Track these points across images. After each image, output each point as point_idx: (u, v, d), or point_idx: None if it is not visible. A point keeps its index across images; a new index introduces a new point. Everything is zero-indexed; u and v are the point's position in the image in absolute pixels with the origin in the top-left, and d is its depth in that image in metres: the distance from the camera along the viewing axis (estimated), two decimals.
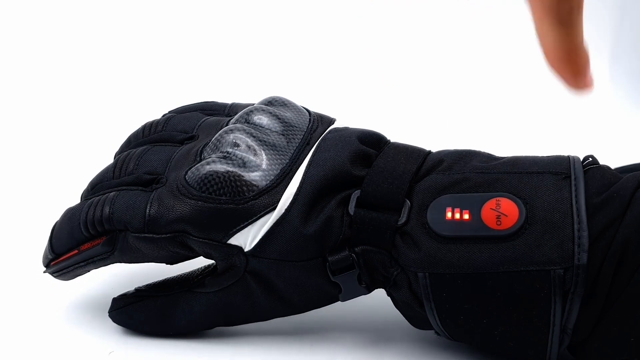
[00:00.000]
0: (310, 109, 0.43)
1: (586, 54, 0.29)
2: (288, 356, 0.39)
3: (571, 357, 0.35)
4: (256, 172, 0.37)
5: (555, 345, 0.34)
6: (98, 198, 0.39)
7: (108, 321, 0.41)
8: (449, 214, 0.35)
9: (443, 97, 0.87)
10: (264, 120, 0.40)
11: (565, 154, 0.37)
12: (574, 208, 0.33)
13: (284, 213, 0.36)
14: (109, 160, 0.44)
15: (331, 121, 0.42)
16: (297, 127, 0.40)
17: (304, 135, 0.40)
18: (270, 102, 0.42)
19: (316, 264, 0.37)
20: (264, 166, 0.38)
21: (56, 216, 0.42)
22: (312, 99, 0.52)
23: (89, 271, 0.41)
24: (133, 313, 0.40)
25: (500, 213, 0.34)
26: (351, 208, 0.36)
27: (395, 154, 0.38)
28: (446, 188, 0.36)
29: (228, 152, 0.38)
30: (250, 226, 0.36)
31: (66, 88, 0.85)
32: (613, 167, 0.38)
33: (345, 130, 0.40)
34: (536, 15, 0.28)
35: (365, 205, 0.36)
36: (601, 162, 0.37)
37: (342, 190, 0.37)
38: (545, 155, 0.38)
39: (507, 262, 0.33)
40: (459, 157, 0.38)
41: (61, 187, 0.57)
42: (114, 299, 0.41)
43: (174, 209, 0.37)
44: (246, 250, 0.37)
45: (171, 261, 0.40)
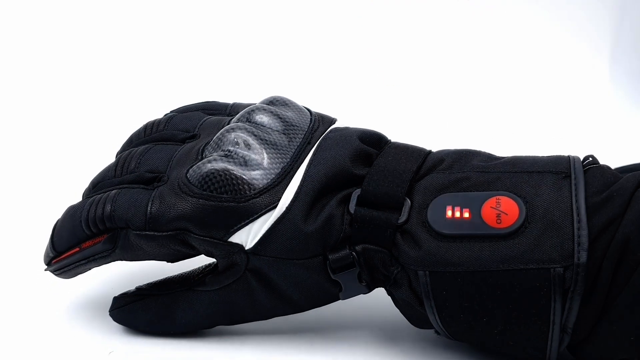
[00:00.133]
0: (311, 109, 0.43)
1: None
2: (288, 356, 0.39)
3: (571, 357, 0.35)
4: (257, 171, 0.37)
5: (555, 343, 0.34)
6: (99, 196, 0.39)
7: (108, 320, 0.41)
8: (449, 213, 0.35)
9: (443, 97, 0.87)
10: (265, 119, 0.40)
11: (565, 154, 0.37)
12: (574, 207, 0.33)
13: (285, 211, 0.36)
14: (111, 159, 0.44)
15: (332, 121, 0.42)
16: (298, 127, 0.40)
17: (305, 134, 0.40)
18: (271, 102, 0.42)
19: (317, 262, 0.37)
20: (265, 165, 0.38)
21: (57, 214, 0.42)
22: (313, 99, 0.52)
23: (90, 269, 0.41)
24: (134, 312, 0.41)
25: (500, 211, 0.34)
26: (352, 206, 0.36)
27: (395, 154, 0.38)
28: (446, 187, 0.36)
29: (229, 151, 0.38)
30: (251, 224, 0.36)
31: (68, 88, 0.85)
32: (613, 167, 0.38)
33: (346, 129, 0.40)
34: None
35: (365, 203, 0.36)
36: (601, 162, 0.37)
37: (343, 189, 0.37)
38: (545, 155, 0.38)
39: (507, 261, 0.33)
40: (459, 157, 0.38)
41: (63, 186, 0.57)
42: (115, 298, 0.41)
43: (175, 207, 0.37)
44: (247, 248, 0.37)
45: (172, 259, 0.40)
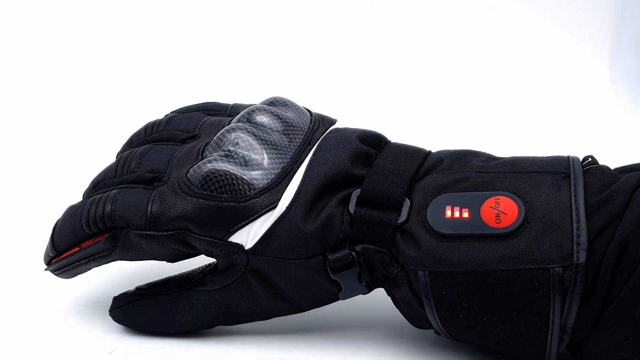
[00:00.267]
0: (311, 110, 0.43)
1: None
2: (288, 356, 0.39)
3: (571, 357, 0.35)
4: (257, 171, 0.37)
5: (554, 343, 0.34)
6: (100, 196, 0.39)
7: (109, 320, 0.41)
8: (449, 213, 0.35)
9: (443, 97, 0.87)
10: (266, 119, 0.40)
11: (564, 154, 0.37)
12: (573, 207, 0.33)
13: (285, 211, 0.36)
14: (111, 159, 0.44)
15: (332, 122, 0.42)
16: (298, 127, 0.40)
17: (305, 134, 0.40)
18: (272, 103, 0.42)
19: (316, 262, 0.37)
20: (265, 165, 0.38)
21: (58, 214, 0.42)
22: (313, 100, 0.52)
23: (90, 269, 0.41)
24: (134, 312, 0.41)
25: (499, 211, 0.34)
26: (351, 207, 0.36)
27: (395, 154, 0.38)
28: (446, 187, 0.36)
29: (230, 151, 0.38)
30: (251, 224, 0.36)
31: (68, 88, 0.85)
32: (613, 167, 0.38)
33: (346, 130, 0.40)
34: None
35: (365, 203, 0.36)
36: (601, 162, 0.37)
37: (343, 189, 0.37)
38: (544, 155, 0.38)
39: (507, 260, 0.33)
40: (459, 157, 0.38)
41: (63, 186, 0.57)
42: (115, 298, 0.41)
43: (176, 207, 0.37)
44: (247, 248, 0.37)
45: (172, 259, 0.40)
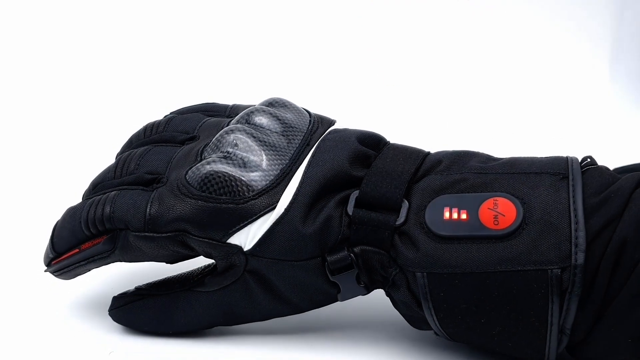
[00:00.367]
0: (310, 111, 0.43)
1: None
2: (288, 356, 0.39)
3: (570, 358, 0.35)
4: (256, 172, 0.37)
5: (553, 344, 0.34)
6: (99, 197, 0.40)
7: (108, 320, 0.42)
8: (447, 214, 0.35)
9: (443, 97, 0.87)
10: (265, 121, 0.40)
11: (563, 155, 0.37)
12: (572, 208, 0.33)
13: (284, 213, 0.36)
14: (111, 160, 0.44)
15: (331, 122, 0.42)
16: (297, 128, 0.40)
17: (304, 136, 0.40)
18: (270, 104, 0.42)
19: (315, 264, 0.37)
20: (264, 166, 0.38)
21: (57, 215, 0.42)
22: (313, 100, 0.52)
23: (90, 270, 0.41)
24: (133, 312, 0.41)
25: (497, 213, 0.34)
26: (350, 208, 0.36)
27: (394, 155, 0.38)
28: (444, 188, 0.36)
29: (228, 152, 0.38)
30: (249, 226, 0.36)
31: (68, 89, 0.85)
32: (612, 167, 0.38)
33: (344, 131, 0.41)
34: None
35: (364, 205, 0.36)
36: (601, 163, 0.37)
37: (341, 190, 0.37)
38: (544, 155, 0.38)
39: (505, 262, 0.33)
40: (457, 158, 0.38)
41: (62, 187, 0.57)
42: (114, 298, 0.41)
43: (174, 208, 0.37)
44: (246, 249, 0.37)
45: (171, 260, 0.40)
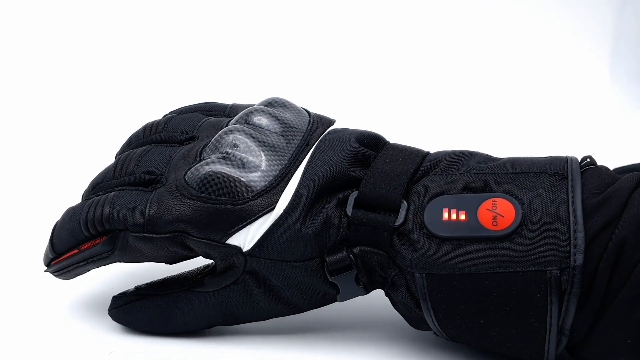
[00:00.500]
0: (310, 110, 0.43)
1: None
2: (288, 356, 0.39)
3: (569, 358, 0.35)
4: (255, 173, 0.37)
5: (552, 345, 0.34)
6: (98, 198, 0.40)
7: (108, 320, 0.42)
8: (446, 215, 0.35)
9: (443, 97, 0.87)
10: (264, 121, 0.40)
11: (563, 155, 0.37)
12: (571, 209, 0.33)
13: (283, 214, 0.36)
14: (110, 160, 0.44)
15: (330, 122, 0.42)
16: (297, 128, 0.40)
17: (303, 136, 0.40)
18: (270, 103, 0.42)
19: (314, 265, 0.37)
20: (263, 167, 0.38)
21: (57, 216, 0.42)
22: (312, 100, 0.52)
23: (89, 270, 0.41)
24: (132, 311, 0.41)
25: (496, 214, 0.34)
26: (349, 209, 0.36)
27: (393, 155, 0.38)
28: (443, 189, 0.36)
29: (227, 153, 0.38)
30: (248, 226, 0.36)
31: (67, 89, 0.85)
32: (612, 167, 0.38)
33: (344, 131, 0.40)
34: None
35: (363, 206, 0.36)
36: (601, 163, 0.37)
37: (341, 191, 0.37)
38: (543, 155, 0.38)
39: (504, 263, 0.33)
40: (457, 158, 0.38)
41: (62, 187, 0.57)
42: (114, 297, 0.41)
43: (174, 209, 0.37)
44: (245, 250, 0.37)
45: (171, 261, 0.40)
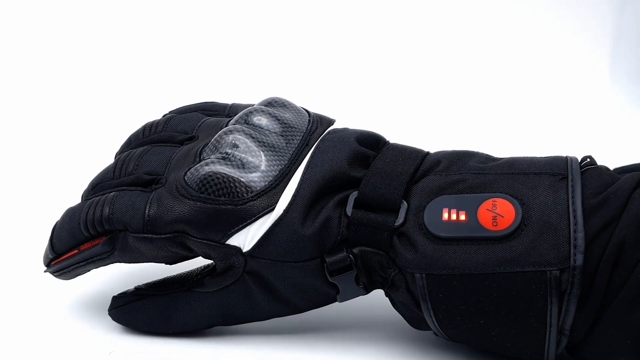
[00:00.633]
0: (309, 110, 0.43)
1: None
2: (288, 356, 0.39)
3: (569, 359, 0.35)
4: (255, 173, 0.37)
5: (552, 346, 0.34)
6: (98, 198, 0.40)
7: (108, 320, 0.42)
8: (446, 215, 0.35)
9: (442, 97, 0.87)
10: (264, 121, 0.40)
11: (563, 155, 0.37)
12: (571, 209, 0.33)
13: (283, 214, 0.36)
14: (110, 160, 0.44)
15: (330, 122, 0.42)
16: (296, 128, 0.40)
17: (303, 136, 0.40)
18: (269, 103, 0.42)
19: (314, 265, 0.37)
20: (263, 167, 0.38)
21: (57, 216, 0.42)
22: (312, 99, 0.52)
23: (89, 270, 0.41)
24: (132, 311, 0.41)
25: (496, 214, 0.34)
26: (349, 209, 0.36)
27: (393, 155, 0.38)
28: (443, 189, 0.36)
29: (227, 153, 0.38)
30: (248, 227, 0.36)
31: (67, 88, 0.85)
32: (612, 167, 0.38)
33: (344, 131, 0.40)
34: None
35: (362, 206, 0.36)
36: (601, 162, 0.37)
37: (340, 191, 0.37)
38: (543, 155, 0.38)
39: (504, 263, 0.33)
40: (457, 158, 0.38)
41: (62, 187, 0.57)
42: (114, 297, 0.41)
43: (173, 210, 0.37)
44: (245, 250, 0.37)
45: (170, 261, 0.40)
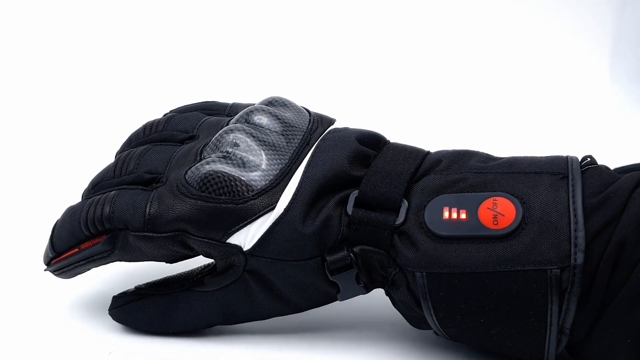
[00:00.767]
0: (310, 110, 0.43)
1: None
2: (288, 356, 0.39)
3: (570, 358, 0.35)
4: (256, 172, 0.37)
5: (552, 345, 0.34)
6: (99, 197, 0.40)
7: (108, 319, 0.42)
8: (446, 214, 0.35)
9: (443, 97, 0.87)
10: (264, 120, 0.40)
11: (563, 154, 0.37)
12: (571, 208, 0.33)
13: (283, 213, 0.36)
14: (110, 159, 0.44)
15: (331, 121, 0.42)
16: (297, 128, 0.40)
17: (304, 135, 0.40)
18: (270, 103, 0.42)
19: (315, 264, 0.37)
20: (264, 166, 0.38)
21: (57, 215, 0.42)
22: (312, 99, 0.52)
23: (90, 269, 0.41)
24: (133, 311, 0.41)
25: (497, 212, 0.34)
26: (349, 208, 0.36)
27: (393, 155, 0.38)
28: (444, 188, 0.36)
29: (228, 152, 0.38)
30: (249, 226, 0.36)
31: (67, 88, 0.85)
32: (613, 167, 0.38)
33: (344, 130, 0.41)
34: None
35: (363, 205, 0.36)
36: (601, 162, 0.37)
37: (341, 190, 0.37)
38: (544, 155, 0.38)
39: (504, 262, 0.33)
40: (457, 157, 0.38)
41: (62, 186, 0.57)
42: (114, 297, 0.41)
43: (174, 208, 0.37)
44: (245, 249, 0.37)
45: (171, 260, 0.40)
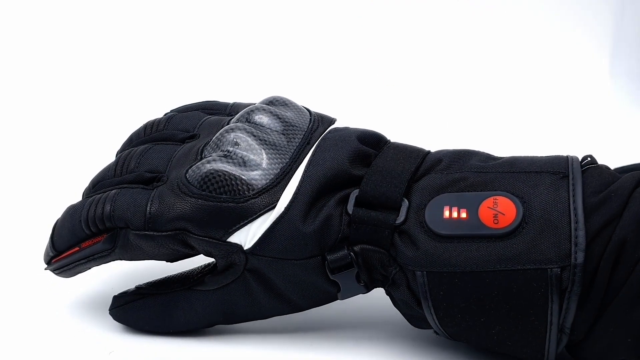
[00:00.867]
0: (311, 109, 0.43)
1: None
2: (288, 356, 0.39)
3: (570, 358, 0.35)
4: (256, 171, 0.37)
5: (553, 344, 0.34)
6: (99, 196, 0.40)
7: (109, 319, 0.42)
8: (447, 213, 0.35)
9: (443, 97, 0.87)
10: (265, 119, 0.40)
11: (564, 154, 0.37)
12: (572, 207, 0.33)
13: (284, 212, 0.36)
14: (111, 158, 0.44)
15: (332, 121, 0.42)
16: (298, 127, 0.41)
17: (305, 134, 0.40)
18: (271, 102, 0.42)
19: (315, 263, 0.37)
20: (264, 165, 0.38)
21: (58, 214, 0.42)
22: (313, 99, 0.52)
23: (90, 268, 0.41)
24: (133, 311, 0.41)
25: (497, 212, 0.34)
26: (350, 207, 0.36)
27: (394, 154, 0.38)
28: (444, 187, 0.36)
29: (229, 151, 0.38)
30: (249, 224, 0.36)
31: (68, 87, 0.85)
32: (613, 167, 0.38)
33: (345, 130, 0.41)
34: None
35: (364, 204, 0.36)
36: (601, 162, 0.37)
37: (342, 189, 0.37)
38: (544, 154, 0.38)
39: (504, 261, 0.33)
40: (458, 157, 0.38)
41: (63, 185, 0.57)
42: (115, 297, 0.41)
43: (175, 207, 0.37)
44: (246, 248, 0.37)
45: (171, 259, 0.40)
